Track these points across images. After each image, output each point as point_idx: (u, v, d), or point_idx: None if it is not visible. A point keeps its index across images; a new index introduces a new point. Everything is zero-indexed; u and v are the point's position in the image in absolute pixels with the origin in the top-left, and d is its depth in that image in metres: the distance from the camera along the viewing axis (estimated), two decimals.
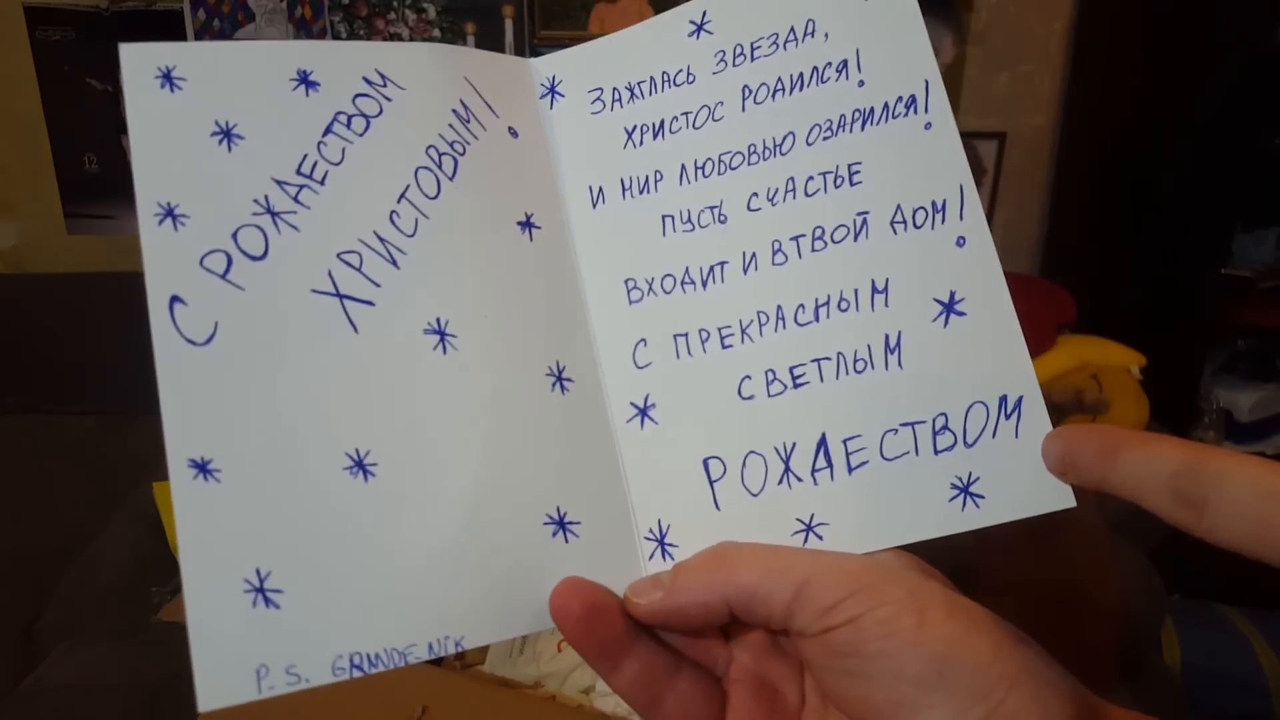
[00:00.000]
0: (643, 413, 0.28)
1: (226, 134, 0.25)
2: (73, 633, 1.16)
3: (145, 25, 1.72)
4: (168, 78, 0.25)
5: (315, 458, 0.24)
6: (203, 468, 0.23)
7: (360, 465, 0.24)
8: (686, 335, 0.28)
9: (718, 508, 0.26)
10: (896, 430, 0.25)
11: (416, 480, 0.24)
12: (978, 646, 0.22)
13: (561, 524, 0.26)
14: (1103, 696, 0.23)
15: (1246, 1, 1.38)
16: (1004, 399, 0.24)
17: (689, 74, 0.29)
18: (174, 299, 0.24)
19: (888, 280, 0.26)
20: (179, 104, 0.25)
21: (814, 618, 0.23)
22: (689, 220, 0.28)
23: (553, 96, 0.30)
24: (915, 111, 0.26)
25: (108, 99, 1.76)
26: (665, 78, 0.29)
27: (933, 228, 0.26)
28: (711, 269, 0.28)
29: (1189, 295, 1.51)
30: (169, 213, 0.24)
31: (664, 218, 0.29)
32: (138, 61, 0.25)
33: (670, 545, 0.27)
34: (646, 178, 0.29)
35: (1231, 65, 1.39)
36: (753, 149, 0.28)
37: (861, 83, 0.27)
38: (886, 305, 0.26)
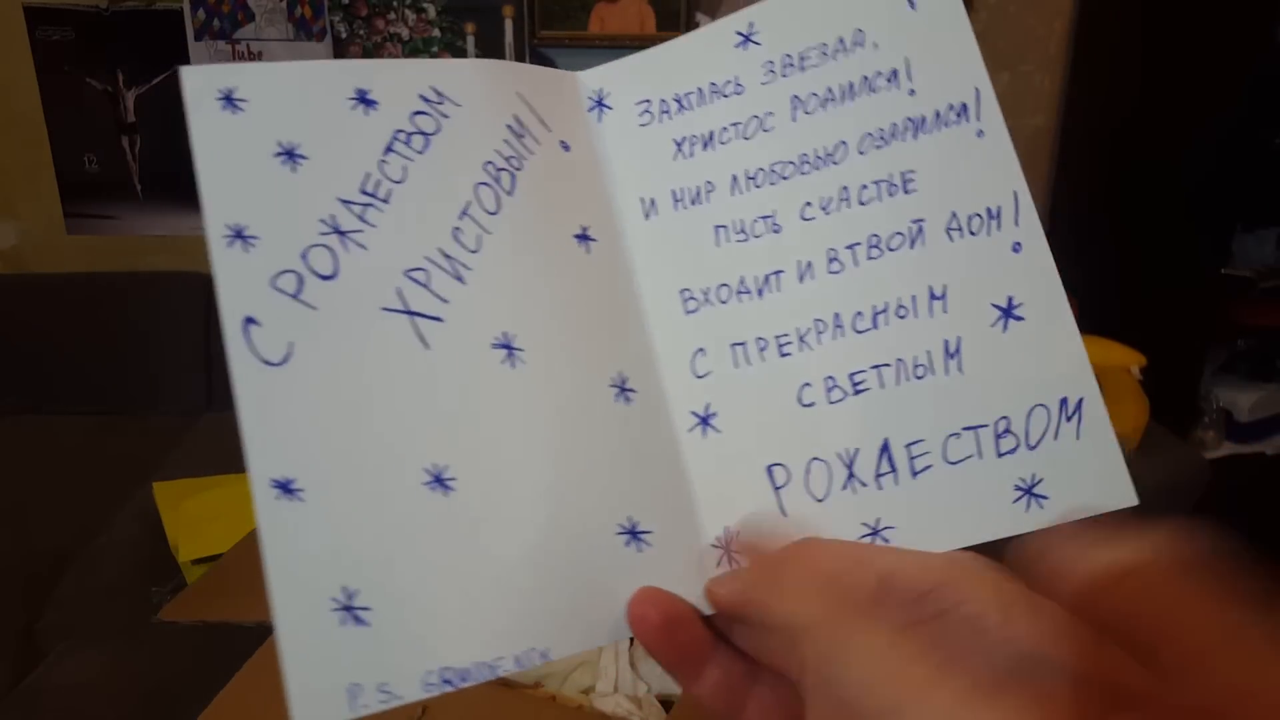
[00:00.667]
0: (704, 421, 0.28)
1: (289, 154, 0.25)
2: (73, 633, 1.16)
3: (145, 25, 1.72)
4: (229, 99, 0.25)
5: (395, 473, 0.24)
6: (285, 487, 0.23)
7: (439, 480, 0.24)
8: (744, 344, 0.28)
9: (784, 514, 0.26)
10: (959, 434, 0.25)
11: (494, 493, 0.24)
12: (1064, 644, 0.22)
13: (634, 533, 0.26)
14: None
15: (1247, 1, 1.38)
16: (1064, 401, 0.25)
17: (737, 85, 0.29)
18: (248, 320, 0.24)
19: (945, 287, 0.26)
20: (241, 125, 0.25)
21: (895, 611, 0.23)
22: (742, 230, 0.28)
23: (600, 109, 0.30)
24: (967, 119, 0.27)
25: (108, 99, 1.76)
26: (713, 89, 0.30)
27: (989, 234, 0.26)
28: (767, 278, 0.28)
29: (1189, 295, 1.51)
30: (238, 234, 0.24)
31: (717, 228, 0.29)
32: (199, 84, 0.25)
33: (739, 553, 0.27)
34: (698, 189, 0.29)
35: (1232, 65, 1.39)
36: (804, 159, 0.28)
37: (913, 91, 0.27)
38: (945, 311, 0.26)
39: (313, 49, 1.74)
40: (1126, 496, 0.24)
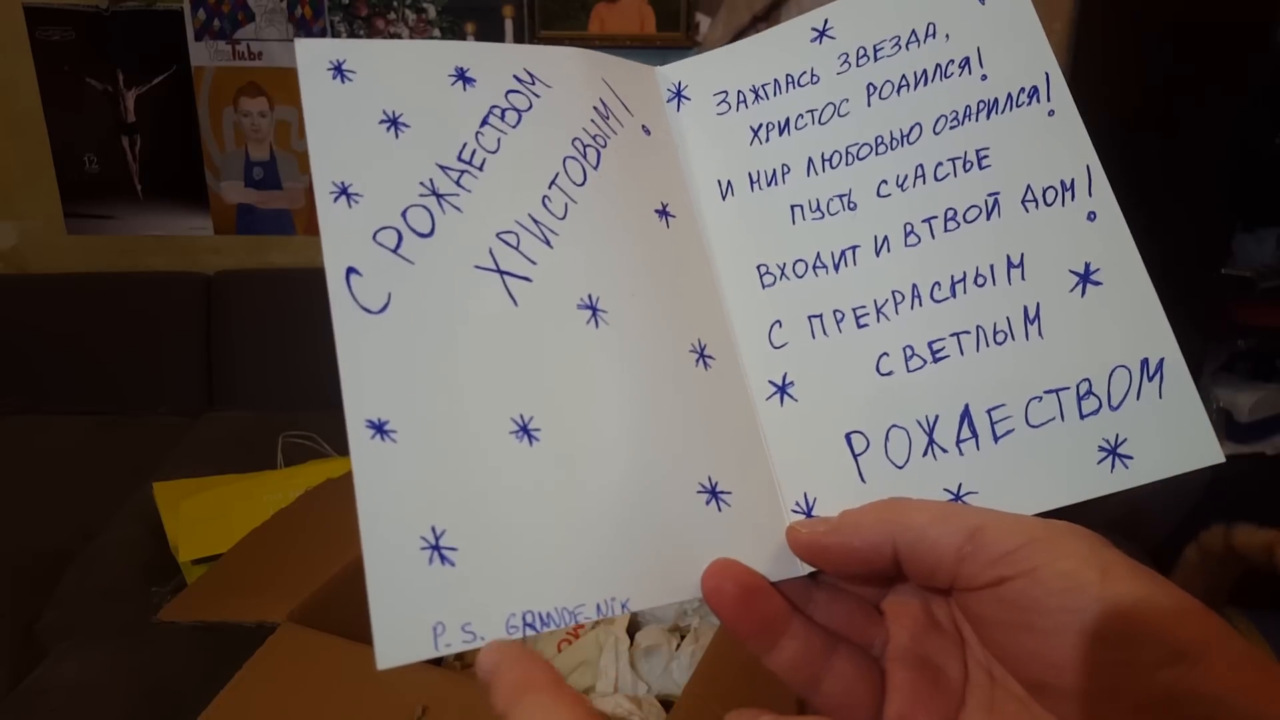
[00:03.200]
0: (782, 390, 0.28)
1: (394, 122, 0.27)
2: (73, 633, 1.16)
3: (145, 25, 1.72)
4: (339, 70, 0.27)
5: (483, 420, 0.25)
6: (379, 428, 0.24)
7: (525, 430, 0.25)
8: (821, 316, 0.28)
9: (863, 480, 0.27)
10: (1041, 398, 0.26)
11: (578, 445, 0.25)
12: (1165, 607, 0.21)
13: (714, 493, 0.26)
14: None
15: (1247, 2, 1.38)
16: (1145, 362, 0.25)
17: (813, 75, 0.31)
18: (350, 270, 0.25)
19: (1023, 255, 0.27)
20: (350, 94, 0.27)
21: (986, 565, 0.23)
22: (818, 209, 0.29)
23: (679, 100, 0.32)
24: (1038, 100, 0.28)
25: (108, 99, 1.75)
26: (789, 79, 0.31)
27: (1063, 205, 0.27)
28: (843, 253, 0.29)
29: (1189, 295, 1.51)
30: (343, 191, 0.26)
31: (793, 207, 0.30)
32: (311, 55, 0.26)
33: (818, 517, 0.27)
34: (774, 171, 0.30)
35: (1232, 65, 1.39)
36: (880, 140, 0.29)
37: (984, 77, 0.28)
38: (1023, 279, 0.27)
39: None
40: (1212, 454, 0.24)
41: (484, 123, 0.28)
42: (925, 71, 0.29)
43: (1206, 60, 1.45)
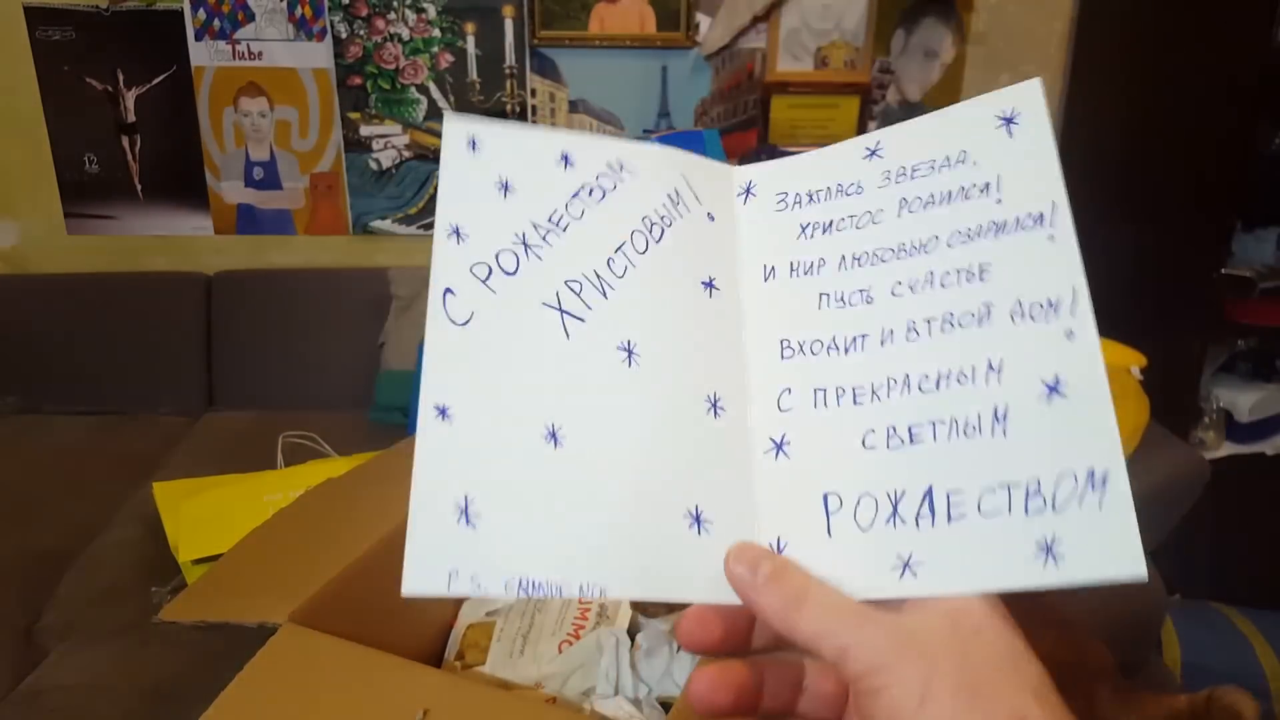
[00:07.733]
0: (779, 447, 0.33)
1: (505, 186, 0.34)
2: (73, 633, 1.16)
3: (145, 25, 1.72)
4: (473, 143, 0.34)
5: (522, 420, 0.31)
6: (442, 411, 0.31)
7: (554, 435, 0.31)
8: (825, 390, 0.33)
9: (829, 535, 0.31)
10: (995, 490, 0.29)
11: (594, 456, 0.31)
12: None
13: (698, 519, 0.31)
14: None
15: (1246, 2, 1.38)
16: (1092, 473, 0.27)
17: (859, 187, 0.36)
18: (447, 290, 0.32)
19: (1002, 360, 0.30)
20: (477, 161, 0.34)
21: (851, 680, 0.27)
22: (842, 299, 0.34)
23: (747, 195, 0.38)
24: (1042, 225, 0.31)
25: (108, 99, 1.76)
26: (839, 188, 0.36)
27: (1047, 321, 0.30)
28: (855, 339, 0.33)
29: (1189, 295, 1.51)
30: (455, 231, 0.33)
31: (821, 295, 0.35)
32: (456, 128, 0.34)
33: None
34: (812, 263, 0.36)
35: (1231, 66, 1.39)
36: (902, 247, 0.34)
37: (999, 200, 0.32)
38: (999, 382, 0.30)
39: (313, 49, 1.74)
40: (1137, 571, 0.26)
41: (574, 196, 0.35)
42: (950, 192, 0.33)
43: (1206, 60, 1.45)
